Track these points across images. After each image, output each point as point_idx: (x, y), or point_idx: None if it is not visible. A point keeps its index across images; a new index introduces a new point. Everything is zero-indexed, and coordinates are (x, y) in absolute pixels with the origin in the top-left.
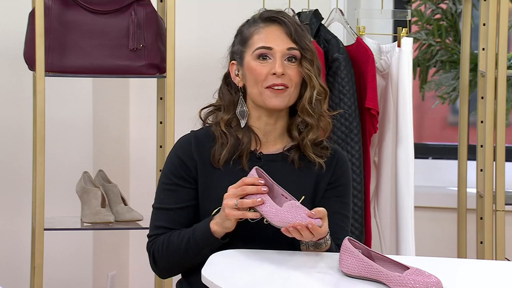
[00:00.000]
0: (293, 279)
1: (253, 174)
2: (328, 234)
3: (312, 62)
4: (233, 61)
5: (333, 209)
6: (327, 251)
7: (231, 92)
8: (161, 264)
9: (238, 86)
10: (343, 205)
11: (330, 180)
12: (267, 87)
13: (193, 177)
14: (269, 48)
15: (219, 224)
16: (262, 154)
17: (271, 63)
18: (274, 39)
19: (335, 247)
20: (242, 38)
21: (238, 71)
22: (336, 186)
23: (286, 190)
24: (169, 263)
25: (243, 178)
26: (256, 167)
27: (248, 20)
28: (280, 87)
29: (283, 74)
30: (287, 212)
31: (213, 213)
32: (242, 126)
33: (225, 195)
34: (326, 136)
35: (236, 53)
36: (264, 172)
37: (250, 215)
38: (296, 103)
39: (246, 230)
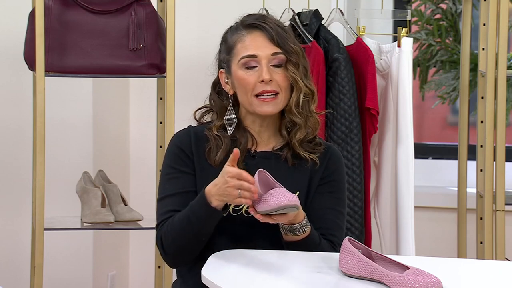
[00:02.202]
0: (293, 279)
1: (256, 177)
2: (305, 220)
3: (297, 64)
4: (221, 70)
5: (326, 204)
6: (312, 242)
7: (222, 99)
8: (169, 249)
9: (228, 94)
10: (337, 200)
11: (322, 175)
12: (256, 95)
13: (193, 164)
14: (254, 56)
15: (212, 186)
16: (256, 151)
17: (257, 70)
18: (258, 46)
19: (325, 241)
20: (226, 46)
21: (228, 79)
22: (329, 181)
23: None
24: (175, 246)
25: (246, 174)
26: (260, 169)
27: (231, 27)
28: (270, 95)
29: (270, 80)
30: (270, 195)
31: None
32: (229, 134)
33: (229, 173)
34: (316, 133)
35: (223, 61)
36: (268, 173)
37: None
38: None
39: (246, 230)
